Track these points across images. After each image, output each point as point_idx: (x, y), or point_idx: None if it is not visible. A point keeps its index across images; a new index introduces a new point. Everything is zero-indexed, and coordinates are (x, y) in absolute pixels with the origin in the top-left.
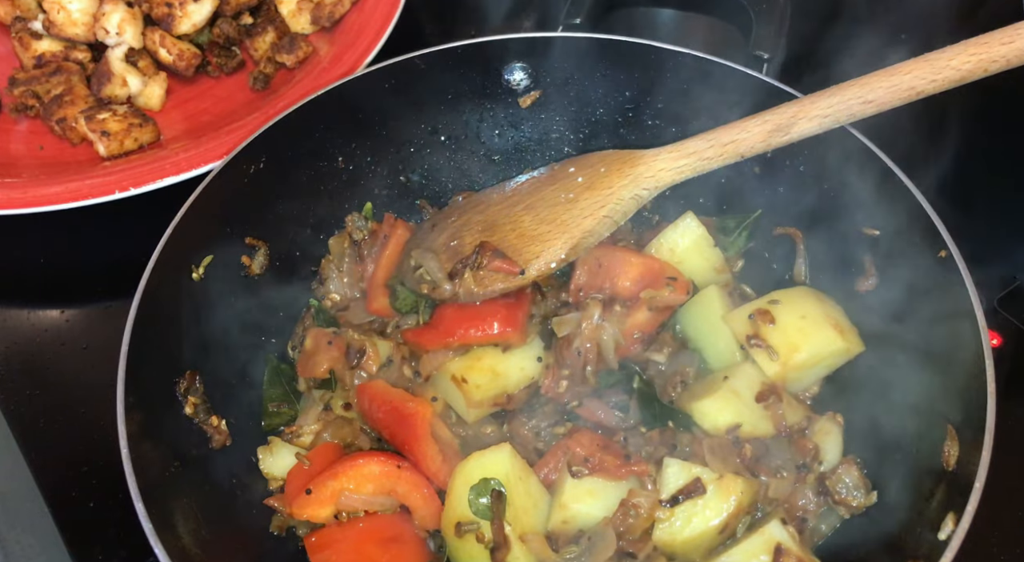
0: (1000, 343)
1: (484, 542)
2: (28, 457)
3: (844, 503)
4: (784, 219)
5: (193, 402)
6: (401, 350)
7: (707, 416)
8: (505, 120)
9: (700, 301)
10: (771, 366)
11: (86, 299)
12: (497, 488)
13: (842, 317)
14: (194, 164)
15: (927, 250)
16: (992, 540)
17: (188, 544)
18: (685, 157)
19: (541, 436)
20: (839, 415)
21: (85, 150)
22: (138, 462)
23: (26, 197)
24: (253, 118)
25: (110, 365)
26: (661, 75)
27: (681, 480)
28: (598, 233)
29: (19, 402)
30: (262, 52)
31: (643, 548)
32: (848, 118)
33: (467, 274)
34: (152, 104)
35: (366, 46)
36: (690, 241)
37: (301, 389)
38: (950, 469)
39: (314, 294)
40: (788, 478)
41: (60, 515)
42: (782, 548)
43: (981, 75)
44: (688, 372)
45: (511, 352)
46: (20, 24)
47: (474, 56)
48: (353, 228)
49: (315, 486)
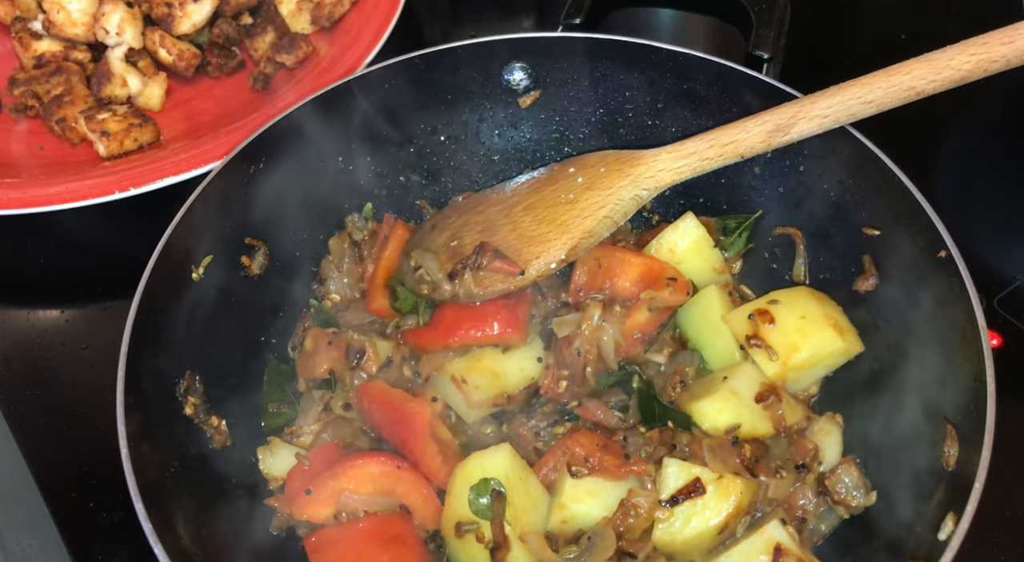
0: (1000, 343)
1: (484, 542)
2: (28, 457)
3: (844, 503)
4: (784, 219)
5: (193, 402)
6: (401, 350)
7: (707, 416)
8: (505, 120)
9: (700, 301)
10: (771, 366)
11: (86, 299)
12: (497, 488)
13: (842, 317)
14: (194, 164)
15: (927, 250)
16: (992, 540)
17: (188, 544)
18: (685, 157)
19: (541, 436)
20: (839, 415)
21: (85, 150)
22: (138, 462)
23: (26, 197)
24: (253, 118)
25: (110, 365)
26: (661, 75)
27: (681, 480)
28: (598, 233)
29: (19, 402)
30: (262, 52)
31: (643, 548)
32: (848, 118)
33: (467, 275)
34: (152, 104)
35: (366, 46)
36: (690, 241)
37: (301, 389)
38: (950, 469)
39: (314, 294)
40: (788, 478)
41: (60, 515)
42: (782, 548)
43: (981, 75)
44: (688, 372)
45: (511, 353)
46: (20, 24)
47: (474, 56)
48: (353, 228)
49: (315, 486)
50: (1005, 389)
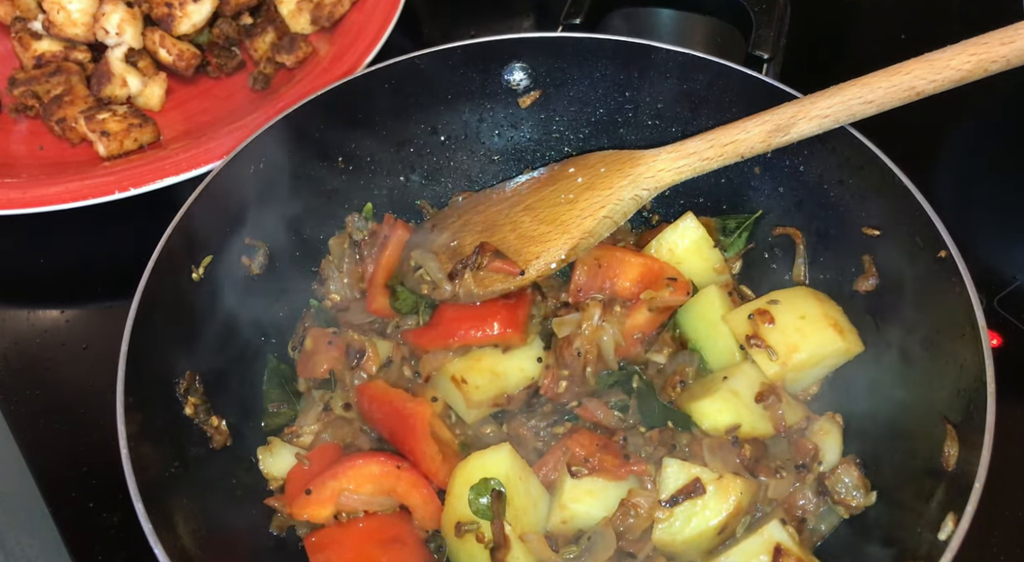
0: (1000, 343)
1: (484, 542)
2: (28, 457)
3: (844, 503)
4: (784, 219)
5: (193, 402)
6: (401, 350)
7: (706, 416)
8: (505, 120)
9: (700, 301)
10: (770, 366)
11: (86, 299)
12: (497, 488)
13: (842, 317)
14: (194, 164)
15: (927, 250)
16: (992, 540)
17: (188, 544)
18: (685, 157)
19: (541, 436)
20: (839, 415)
21: (85, 150)
22: (138, 462)
23: (26, 197)
24: (253, 118)
25: (110, 365)
26: (661, 75)
27: (681, 480)
28: (598, 233)
29: (19, 402)
30: (262, 52)
31: (643, 548)
32: (848, 118)
33: (467, 274)
34: (152, 104)
35: (366, 46)
36: (690, 242)
37: (301, 389)
38: (950, 469)
39: (314, 294)
40: (788, 478)
41: (60, 515)
42: (782, 548)
43: (981, 75)
44: (688, 372)
45: (511, 353)
46: (20, 24)
47: (474, 56)
48: (353, 228)
49: (315, 486)
50: (1005, 389)
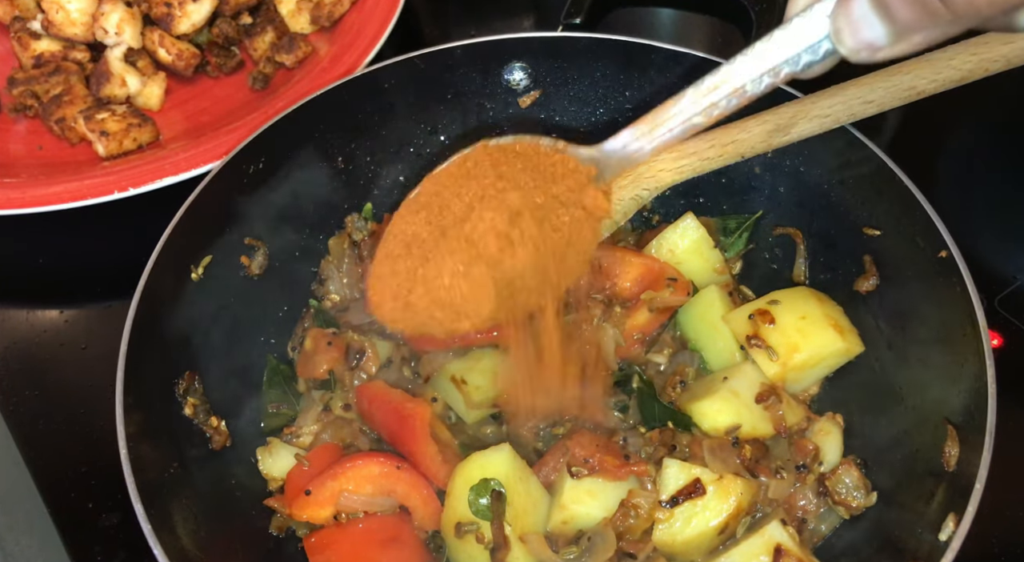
0: (1000, 343)
1: (484, 543)
2: (28, 457)
3: (844, 504)
4: (784, 219)
5: (192, 403)
6: (401, 351)
7: (707, 417)
8: (505, 120)
9: (700, 302)
10: (771, 366)
11: (86, 299)
12: (497, 488)
13: (842, 317)
14: (193, 164)
15: (927, 250)
16: (992, 541)
17: (187, 544)
18: (685, 157)
19: (540, 436)
20: (839, 415)
21: (84, 150)
22: (137, 463)
23: (25, 197)
24: (253, 118)
25: (110, 365)
26: (661, 75)
27: (681, 481)
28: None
29: (19, 402)
30: (261, 52)
31: (643, 549)
32: (849, 118)
33: None
34: (151, 104)
35: (366, 46)
36: (690, 242)
37: (301, 390)
38: (950, 470)
39: (314, 294)
40: (788, 479)
41: (60, 515)
42: (782, 549)
43: (982, 75)
44: (688, 373)
45: None
46: (19, 24)
47: (474, 56)
48: (353, 228)
49: (314, 487)
50: (1005, 389)
